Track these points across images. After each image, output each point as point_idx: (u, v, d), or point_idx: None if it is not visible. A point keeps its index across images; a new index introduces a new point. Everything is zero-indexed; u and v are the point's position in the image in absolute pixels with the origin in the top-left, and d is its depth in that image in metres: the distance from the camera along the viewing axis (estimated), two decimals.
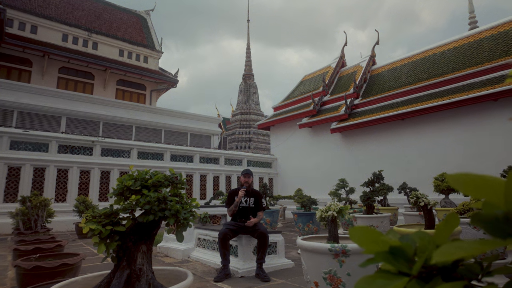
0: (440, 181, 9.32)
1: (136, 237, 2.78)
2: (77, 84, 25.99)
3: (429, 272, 0.64)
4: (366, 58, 21.95)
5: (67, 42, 25.94)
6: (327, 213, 4.39)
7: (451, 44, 17.64)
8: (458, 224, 0.67)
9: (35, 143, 14.14)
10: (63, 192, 14.39)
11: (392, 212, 11.45)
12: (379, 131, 17.17)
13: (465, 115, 14.04)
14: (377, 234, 0.70)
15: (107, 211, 2.80)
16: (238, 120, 33.97)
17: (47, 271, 4.34)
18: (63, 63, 25.30)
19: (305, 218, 9.40)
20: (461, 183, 0.60)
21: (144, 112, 23.16)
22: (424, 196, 5.04)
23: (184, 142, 24.07)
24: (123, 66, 27.31)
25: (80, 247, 9.44)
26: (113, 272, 2.73)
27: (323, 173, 19.41)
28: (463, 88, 14.30)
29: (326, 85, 21.78)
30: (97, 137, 15.82)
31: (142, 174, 2.97)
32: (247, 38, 36.77)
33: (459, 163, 13.79)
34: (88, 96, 21.46)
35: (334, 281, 3.73)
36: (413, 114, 15.19)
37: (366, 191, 9.62)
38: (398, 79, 18.66)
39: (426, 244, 0.67)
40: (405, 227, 5.27)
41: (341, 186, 12.88)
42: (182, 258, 7.72)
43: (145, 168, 3.20)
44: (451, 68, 15.99)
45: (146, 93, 29.68)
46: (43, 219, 8.45)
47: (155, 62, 30.75)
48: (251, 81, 35.33)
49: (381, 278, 0.63)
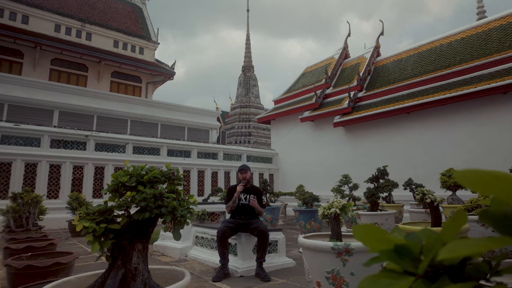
0: (447, 177, 9.34)
1: (131, 235, 2.78)
2: (70, 76, 25.95)
3: (436, 272, 0.64)
4: (370, 49, 21.90)
5: (59, 32, 25.83)
6: (330, 210, 4.40)
7: (459, 34, 17.60)
8: (465, 221, 0.67)
9: (27, 137, 14.13)
10: (55, 189, 14.40)
11: (397, 209, 11.46)
12: (384, 125, 17.16)
13: (473, 108, 14.02)
14: (381, 232, 0.70)
15: (101, 208, 2.79)
16: (237, 114, 33.94)
17: (39, 270, 4.35)
18: (56, 55, 25.25)
19: (307, 215, 9.40)
20: (469, 179, 0.60)
21: (139, 105, 23.13)
22: (430, 192, 5.04)
23: (181, 137, 24.04)
24: (118, 57, 27.25)
25: (73, 245, 9.45)
26: (107, 271, 2.73)
27: (326, 168, 19.41)
28: (471, 81, 14.29)
29: (328, 78, 21.74)
30: (91, 131, 15.81)
31: (138, 170, 2.96)
32: (246, 29, 36.76)
33: (466, 158, 13.79)
34: (81, 88, 21.44)
35: (337, 281, 3.74)
36: (419, 108, 15.18)
37: (370, 187, 9.63)
38: (403, 71, 18.63)
39: (432, 243, 0.67)
40: (411, 225, 5.27)
41: (344, 182, 12.88)
42: (179, 257, 7.73)
43: (140, 163, 3.20)
44: (458, 59, 15.96)
45: (141, 85, 29.64)
46: (34, 217, 8.46)
47: (151, 53, 30.67)
48: (251, 73, 35.29)
49: (385, 277, 0.63)
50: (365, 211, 9.35)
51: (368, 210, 9.23)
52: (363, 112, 17.42)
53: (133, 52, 29.62)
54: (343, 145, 19.05)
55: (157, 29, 32.22)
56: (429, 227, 1.02)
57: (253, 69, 35.63)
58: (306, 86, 22.77)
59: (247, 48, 36.05)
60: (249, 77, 34.92)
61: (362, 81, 19.90)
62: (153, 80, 30.17)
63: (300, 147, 21.55)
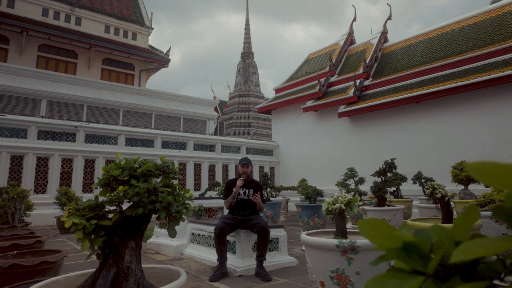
0: (458, 170, 9.33)
1: (123, 232, 2.78)
2: (58, 64, 25.92)
3: (447, 271, 0.64)
4: (377, 34, 21.84)
5: (47, 17, 25.74)
6: (334, 205, 4.40)
7: (471, 19, 17.54)
8: (478, 217, 0.66)
9: (12, 128, 14.11)
10: (43, 183, 14.41)
11: (406, 205, 11.48)
12: (392, 115, 17.15)
13: (487, 97, 13.99)
14: (389, 228, 0.70)
15: (92, 204, 2.79)
16: (236, 103, 33.94)
17: (26, 269, 4.35)
18: (43, 40, 25.18)
19: (310, 211, 9.42)
20: (482, 172, 0.60)
21: (132, 94, 23.03)
22: (441, 186, 5.04)
23: (176, 128, 24.00)
24: (109, 43, 27.16)
25: (62, 243, 9.47)
26: (98, 270, 2.74)
27: (330, 161, 19.42)
28: (484, 68, 14.25)
29: (333, 65, 21.69)
30: (81, 122, 15.79)
31: (131, 163, 2.96)
32: (246, 13, 36.68)
33: (479, 150, 13.79)
34: (70, 76, 21.33)
35: (342, 281, 3.74)
36: (429, 97, 15.16)
37: (377, 181, 9.64)
38: (412, 58, 18.59)
39: (443, 240, 0.67)
40: (420, 221, 5.28)
41: (349, 176, 12.91)
42: (175, 255, 7.75)
43: (133, 156, 3.20)
44: (471, 45, 15.92)
45: (134, 73, 29.61)
46: (21, 213, 8.46)
47: (144, 39, 30.61)
48: (251, 60, 35.28)
49: (393, 277, 0.62)
50: (372, 206, 9.37)
51: (375, 206, 9.25)
52: (370, 102, 17.40)
53: (126, 37, 29.53)
54: (349, 136, 19.05)
55: (151, 13, 32.17)
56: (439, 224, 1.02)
57: (252, 55, 35.60)
58: (309, 74, 22.73)
59: (246, 34, 36.01)
60: (249, 64, 34.90)
61: (368, 69, 19.86)
62: (146, 67, 30.12)
63: (302, 138, 21.55)
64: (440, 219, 5.19)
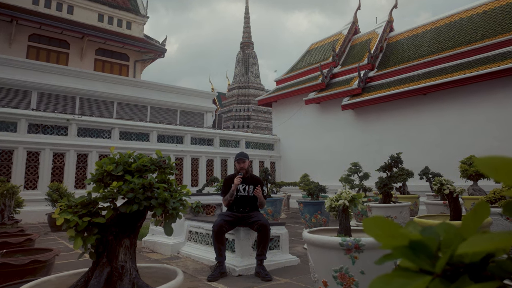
0: (467, 165, 9.35)
1: (118, 230, 2.78)
2: (49, 54, 25.85)
3: (455, 270, 0.64)
4: (383, 23, 21.79)
5: (38, 5, 25.60)
6: (338, 202, 4.40)
7: (481, 7, 17.50)
8: (488, 214, 0.66)
9: (1, 121, 14.09)
10: (33, 178, 14.41)
11: (413, 201, 11.48)
12: (398, 107, 17.13)
13: (497, 89, 13.97)
14: (395, 226, 0.70)
15: (85, 200, 2.79)
16: (235, 95, 33.89)
17: (16, 269, 4.34)
18: (34, 30, 25.09)
19: (312, 207, 9.43)
20: (492, 167, 0.60)
21: (127, 86, 23.02)
22: (449, 182, 5.04)
23: (173, 121, 23.98)
24: (102, 33, 27.05)
25: (54, 241, 9.49)
26: (91, 270, 2.74)
27: (333, 156, 19.42)
28: (494, 58, 14.22)
29: (336, 55, 21.64)
30: (73, 115, 15.79)
31: (125, 157, 2.96)
32: (245, 1, 36.58)
33: (489, 144, 13.78)
34: (62, 67, 21.33)
35: (345, 280, 3.74)
36: (437, 88, 15.14)
37: (382, 176, 9.64)
38: (419, 48, 18.56)
39: (451, 238, 0.67)
40: (428, 218, 5.29)
41: (353, 171, 12.91)
42: (171, 254, 7.77)
43: (128, 150, 3.18)
44: (480, 35, 15.88)
45: (129, 64, 29.55)
46: (10, 209, 8.46)
47: (139, 28, 30.51)
48: (250, 50, 35.23)
49: (399, 277, 0.62)
50: (377, 203, 9.38)
51: (380, 202, 9.25)
52: (375, 94, 17.39)
53: (120, 27, 29.45)
54: (353, 130, 19.04)
55: (146, 1, 32.03)
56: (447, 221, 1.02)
57: (252, 45, 35.53)
58: (311, 65, 22.69)
59: (246, 22, 35.91)
60: (248, 54, 34.85)
61: (373, 59, 19.82)
62: (141, 58, 30.06)
63: (304, 132, 21.53)
64: (448, 216, 5.19)
